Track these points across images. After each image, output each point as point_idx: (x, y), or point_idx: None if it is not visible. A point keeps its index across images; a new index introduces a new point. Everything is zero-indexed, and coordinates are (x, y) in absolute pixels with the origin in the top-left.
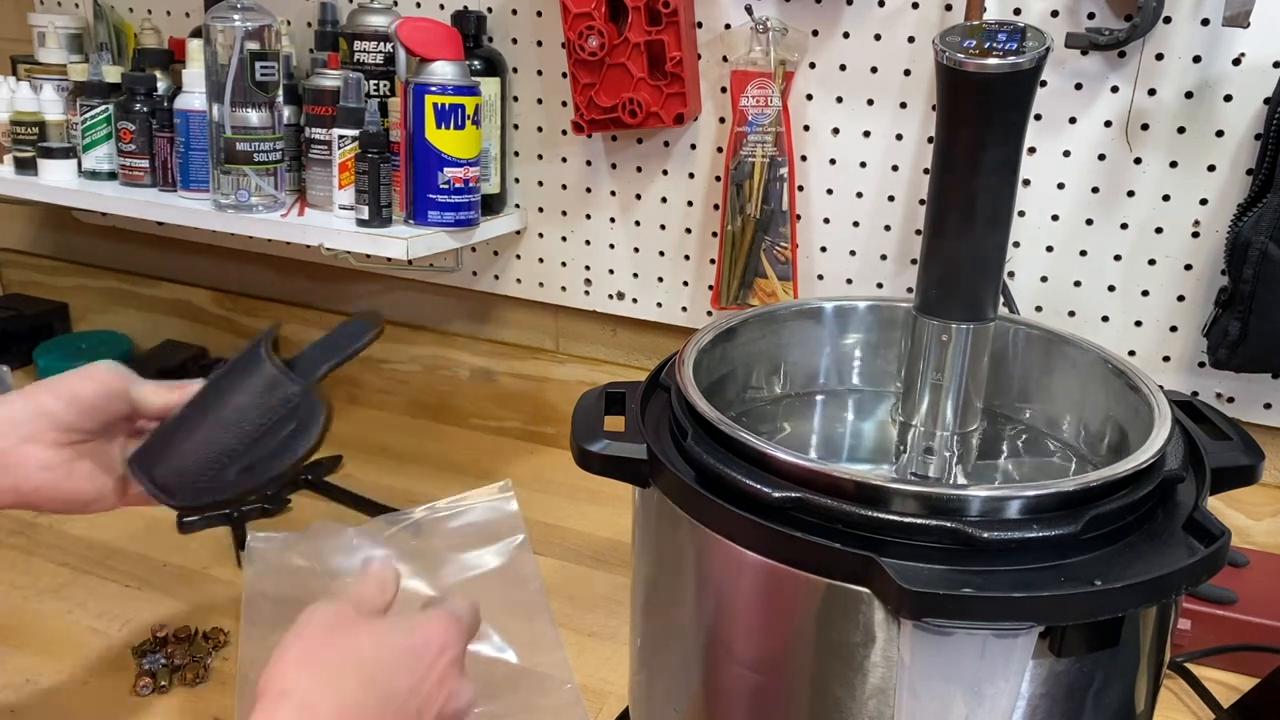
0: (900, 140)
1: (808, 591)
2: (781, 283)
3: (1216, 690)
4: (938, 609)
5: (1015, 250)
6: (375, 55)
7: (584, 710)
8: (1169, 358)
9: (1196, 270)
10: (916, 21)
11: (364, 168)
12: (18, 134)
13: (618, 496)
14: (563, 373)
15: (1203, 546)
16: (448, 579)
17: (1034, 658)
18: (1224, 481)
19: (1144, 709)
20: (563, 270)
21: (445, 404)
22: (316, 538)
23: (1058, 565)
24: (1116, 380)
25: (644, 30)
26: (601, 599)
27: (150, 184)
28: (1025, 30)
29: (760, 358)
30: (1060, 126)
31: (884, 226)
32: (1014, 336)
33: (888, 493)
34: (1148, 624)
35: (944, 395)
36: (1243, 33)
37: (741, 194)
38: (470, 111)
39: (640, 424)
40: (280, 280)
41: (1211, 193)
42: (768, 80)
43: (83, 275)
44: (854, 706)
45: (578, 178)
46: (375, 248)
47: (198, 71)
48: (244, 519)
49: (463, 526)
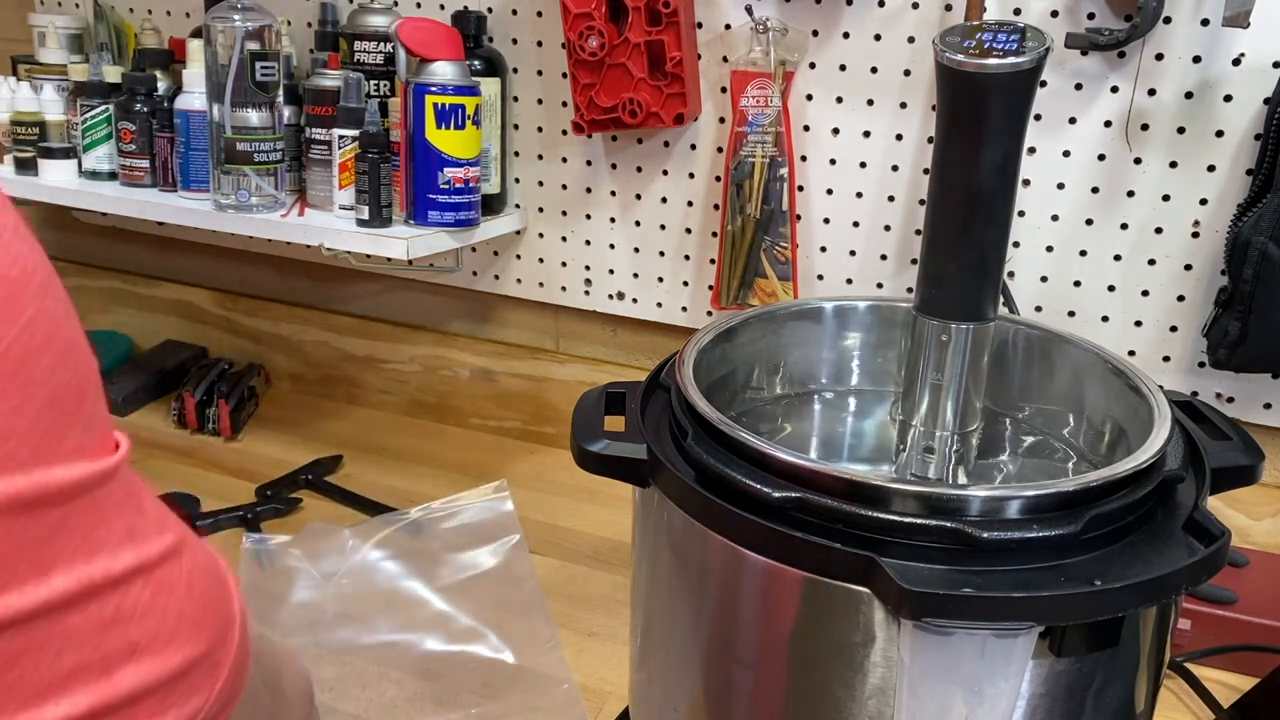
0: (900, 140)
1: (808, 591)
2: (781, 283)
3: (1216, 690)
4: (938, 609)
5: (1015, 250)
6: (375, 55)
7: (582, 709)
8: (1169, 358)
9: (1196, 270)
10: (916, 21)
11: (364, 168)
12: (18, 134)
13: (618, 496)
14: (563, 373)
15: (1203, 546)
16: (444, 579)
17: (1034, 658)
18: (1224, 481)
19: (1144, 709)
20: (563, 270)
21: (445, 404)
22: (313, 539)
23: (1058, 565)
24: (1116, 380)
25: (644, 30)
26: (601, 599)
27: (150, 184)
28: (1025, 30)
29: (760, 358)
30: (1060, 126)
31: (884, 226)
32: (1014, 336)
33: (888, 493)
34: (1148, 624)
35: (944, 395)
36: (1243, 33)
37: (741, 194)
38: (470, 111)
39: (640, 424)
40: (280, 280)
41: (1211, 193)
42: (768, 80)
43: (83, 275)
44: (854, 706)
45: (578, 178)
46: (375, 248)
47: (198, 71)
48: (258, 519)
49: (458, 526)
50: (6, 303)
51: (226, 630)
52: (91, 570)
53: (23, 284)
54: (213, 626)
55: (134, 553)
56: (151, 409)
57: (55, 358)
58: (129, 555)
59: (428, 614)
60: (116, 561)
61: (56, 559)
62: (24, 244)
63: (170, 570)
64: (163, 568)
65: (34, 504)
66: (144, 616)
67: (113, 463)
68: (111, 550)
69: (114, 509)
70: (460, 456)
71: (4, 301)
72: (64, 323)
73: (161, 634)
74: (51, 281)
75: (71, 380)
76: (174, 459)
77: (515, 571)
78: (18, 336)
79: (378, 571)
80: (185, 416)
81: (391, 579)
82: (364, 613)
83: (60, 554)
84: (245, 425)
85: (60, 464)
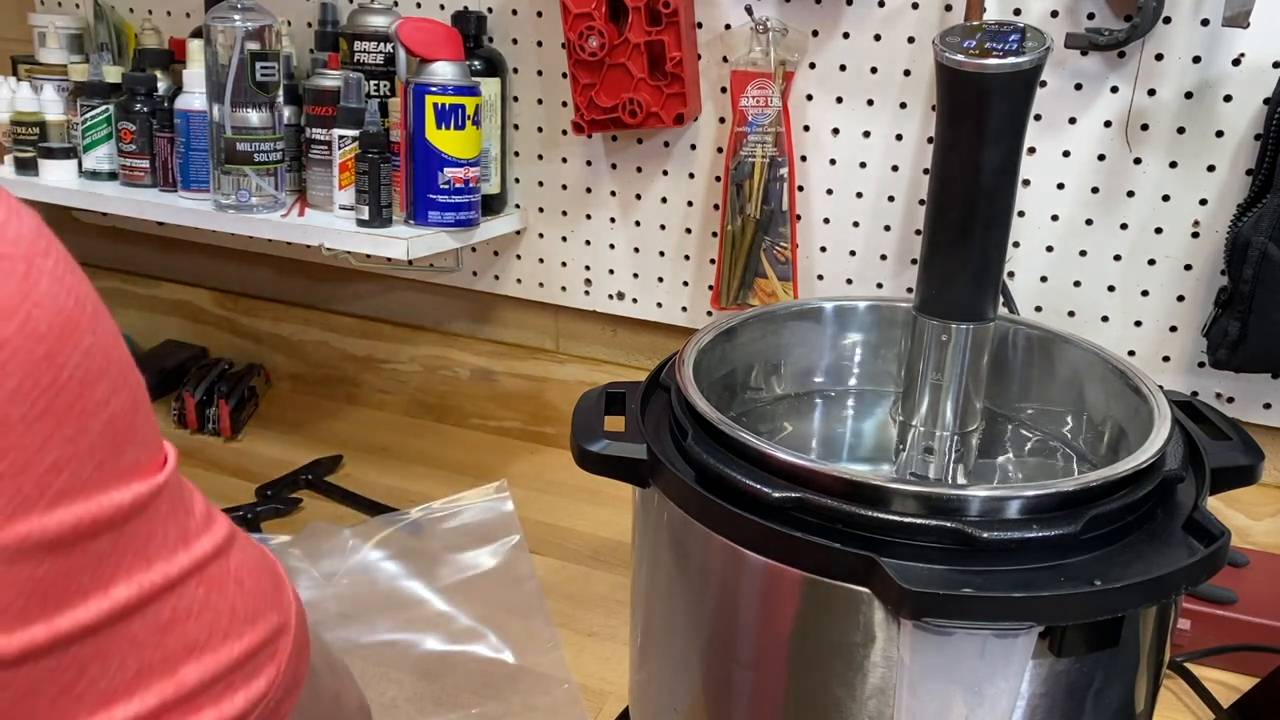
0: (900, 140)
1: (808, 591)
2: (781, 283)
3: (1216, 690)
4: (938, 609)
5: (1015, 250)
6: (375, 55)
7: (582, 709)
8: (1169, 358)
9: (1196, 270)
10: (916, 21)
11: (364, 168)
12: (18, 134)
13: (618, 496)
14: (563, 373)
15: (1203, 546)
16: (444, 579)
17: (1034, 658)
18: (1224, 481)
19: (1144, 709)
20: (563, 270)
21: (445, 404)
22: (314, 538)
23: (1058, 565)
24: (1116, 380)
25: (644, 30)
26: (601, 599)
27: (150, 184)
28: (1025, 30)
29: (760, 358)
30: (1060, 126)
31: (884, 226)
32: (1014, 336)
33: (888, 493)
34: (1148, 624)
35: (944, 395)
36: (1243, 33)
37: (741, 194)
38: (470, 111)
39: (640, 424)
40: (280, 280)
41: (1211, 193)
42: (768, 80)
43: None
44: (854, 706)
45: (578, 178)
46: (375, 248)
47: (198, 72)
48: (258, 520)
49: (459, 526)
50: (65, 334)
51: (283, 619)
52: (151, 576)
53: (78, 315)
54: (267, 616)
55: (187, 554)
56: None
57: (111, 383)
58: (183, 557)
59: (428, 614)
60: (173, 565)
61: (117, 571)
62: (74, 275)
63: (219, 567)
64: (213, 565)
65: (96, 526)
66: (200, 613)
67: (163, 478)
68: (167, 555)
69: (167, 516)
70: (460, 456)
71: (64, 333)
72: (116, 346)
73: (218, 628)
74: (101, 308)
75: (126, 402)
76: None
77: (515, 572)
78: (77, 367)
79: (378, 571)
80: (185, 416)
81: (392, 579)
82: (364, 613)
83: (120, 566)
84: (245, 425)
85: (118, 486)
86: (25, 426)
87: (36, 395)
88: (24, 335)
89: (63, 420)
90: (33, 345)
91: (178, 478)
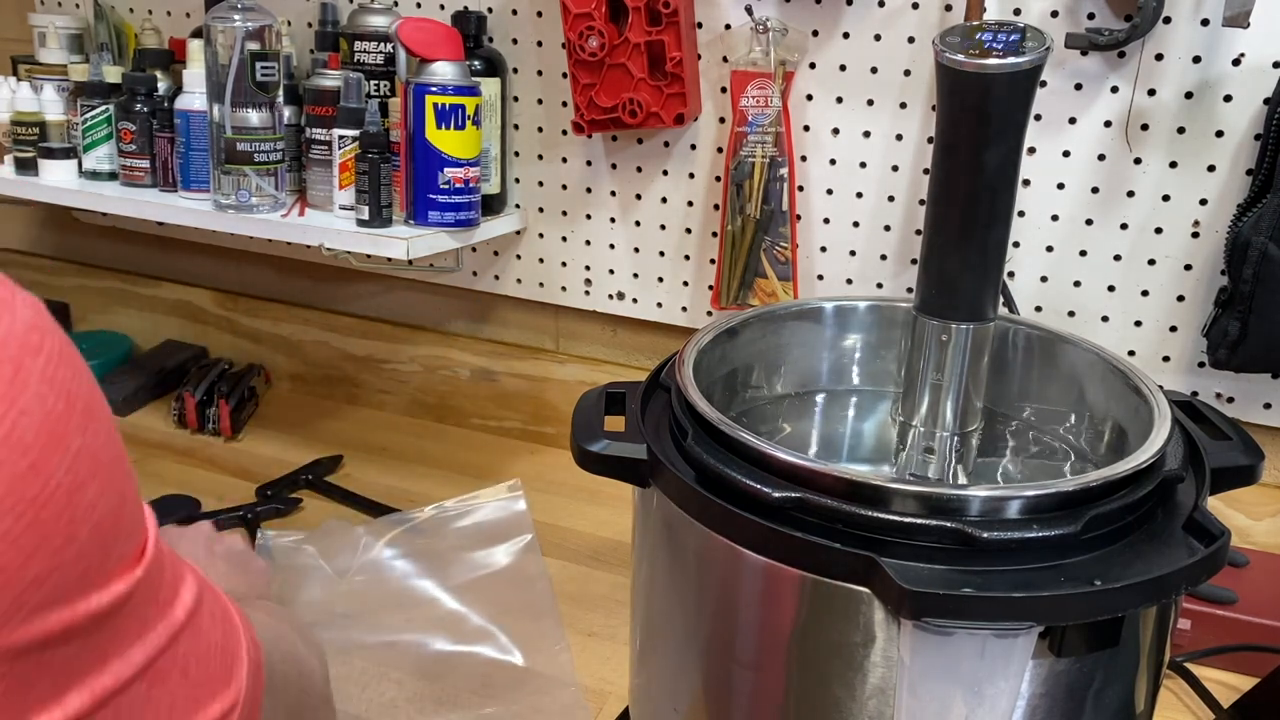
0: (900, 140)
1: (808, 591)
2: (781, 283)
3: (1216, 690)
4: (938, 609)
5: (1015, 250)
6: (375, 55)
7: (586, 714)
8: (1169, 358)
9: (1196, 270)
10: (916, 22)
11: (364, 168)
12: (18, 134)
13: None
14: (563, 373)
15: (1203, 546)
16: (456, 578)
17: (1034, 658)
18: (1224, 481)
19: (1144, 709)
20: (563, 270)
21: (445, 404)
22: (327, 536)
23: (1058, 565)
24: (1116, 380)
25: (644, 30)
26: (602, 599)
27: (151, 184)
28: (1025, 30)
29: (760, 358)
30: (1060, 126)
31: (884, 226)
32: (1014, 336)
33: (888, 493)
34: (1148, 624)
35: (944, 395)
36: (1243, 33)
37: (741, 194)
38: (470, 111)
39: (640, 424)
40: (280, 280)
41: (1211, 193)
42: (768, 80)
43: (83, 275)
44: (854, 706)
45: (578, 178)
46: (375, 248)
47: (198, 72)
48: (258, 520)
49: (471, 526)
50: (53, 442)
51: (229, 703)
52: (104, 680)
53: (68, 417)
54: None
55: (142, 649)
56: (152, 409)
57: (100, 485)
58: (137, 653)
59: (439, 613)
60: (126, 664)
61: (72, 679)
62: (67, 368)
63: (169, 659)
64: (163, 657)
65: (69, 634)
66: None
67: (141, 570)
68: (124, 651)
69: (138, 605)
70: (460, 456)
71: (51, 440)
72: (106, 446)
73: (185, 688)
74: (94, 398)
75: (114, 500)
76: (174, 459)
77: (527, 571)
78: (66, 473)
79: (390, 569)
80: (185, 416)
81: (403, 577)
82: (374, 611)
83: (79, 672)
84: (245, 425)
85: (99, 588)
86: (8, 544)
87: (22, 509)
88: (8, 447)
89: (49, 532)
90: (17, 458)
91: (156, 551)
